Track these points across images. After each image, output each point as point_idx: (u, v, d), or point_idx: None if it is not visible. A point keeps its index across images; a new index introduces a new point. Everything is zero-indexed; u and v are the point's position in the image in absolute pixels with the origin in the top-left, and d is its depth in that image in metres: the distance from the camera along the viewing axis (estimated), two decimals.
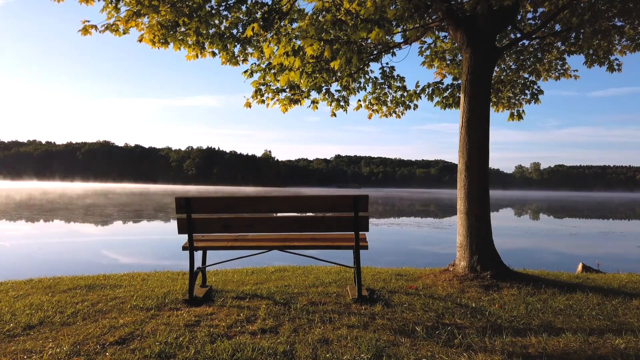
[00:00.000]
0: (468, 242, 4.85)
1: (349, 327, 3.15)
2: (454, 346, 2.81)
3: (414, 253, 12.22)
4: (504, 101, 7.05)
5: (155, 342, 2.79)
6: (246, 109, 6.43)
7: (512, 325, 3.26)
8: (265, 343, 2.80)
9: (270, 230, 4.05)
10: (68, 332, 3.01)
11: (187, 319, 3.31)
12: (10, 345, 2.81)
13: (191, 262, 3.86)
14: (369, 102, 7.27)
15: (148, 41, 5.21)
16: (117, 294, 4.11)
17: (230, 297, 3.96)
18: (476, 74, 5.00)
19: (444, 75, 7.11)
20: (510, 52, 6.56)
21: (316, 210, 3.97)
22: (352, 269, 4.33)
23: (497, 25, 5.09)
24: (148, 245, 12.92)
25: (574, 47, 5.91)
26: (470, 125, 4.99)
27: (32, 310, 3.52)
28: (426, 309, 3.64)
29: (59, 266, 8.54)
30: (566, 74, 6.73)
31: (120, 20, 4.98)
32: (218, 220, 3.89)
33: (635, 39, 5.66)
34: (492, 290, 4.29)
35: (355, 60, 4.62)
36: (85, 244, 12.88)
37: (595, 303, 3.94)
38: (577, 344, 2.87)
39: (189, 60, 5.70)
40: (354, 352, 2.67)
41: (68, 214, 23.06)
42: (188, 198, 3.78)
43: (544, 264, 7.49)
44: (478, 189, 4.91)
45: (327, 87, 6.61)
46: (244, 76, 6.36)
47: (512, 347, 2.80)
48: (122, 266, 8.90)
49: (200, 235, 4.23)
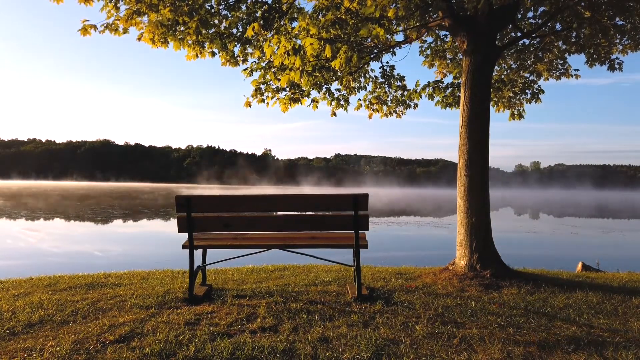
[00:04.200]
0: (468, 240, 4.85)
1: (348, 325, 3.15)
2: (453, 345, 2.82)
3: (413, 252, 12.23)
4: (504, 100, 7.04)
5: (156, 341, 2.80)
6: (246, 108, 6.43)
7: (512, 324, 3.26)
8: (265, 341, 2.81)
9: (270, 229, 4.05)
10: (68, 331, 3.02)
11: (187, 317, 3.32)
12: (11, 343, 2.81)
13: (191, 261, 3.86)
14: (369, 101, 7.26)
15: (148, 40, 5.21)
16: (117, 293, 4.11)
17: (230, 296, 3.96)
18: (476, 73, 5.00)
19: (444, 74, 7.10)
20: (511, 51, 6.56)
21: (316, 209, 3.97)
22: (352, 267, 4.34)
23: (498, 24, 5.08)
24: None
25: (574, 47, 5.90)
26: (471, 125, 4.99)
27: (33, 309, 3.52)
28: (426, 307, 3.64)
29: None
30: (567, 73, 6.72)
31: (120, 19, 4.98)
32: (218, 218, 3.89)
33: (636, 38, 5.65)
34: (491, 289, 4.29)
35: (356, 59, 4.62)
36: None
37: (595, 302, 3.94)
38: (577, 343, 2.87)
39: (189, 60, 5.70)
40: (354, 351, 2.68)
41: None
42: (188, 197, 3.79)
43: (543, 263, 7.50)
44: (478, 187, 4.92)
45: (328, 86, 6.61)
46: (244, 75, 6.37)
47: (512, 346, 2.80)
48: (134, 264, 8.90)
49: (200, 234, 4.23)
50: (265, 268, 5.74)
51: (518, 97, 6.98)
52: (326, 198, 3.91)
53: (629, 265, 8.32)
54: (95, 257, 10.41)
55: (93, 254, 10.72)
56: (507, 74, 6.95)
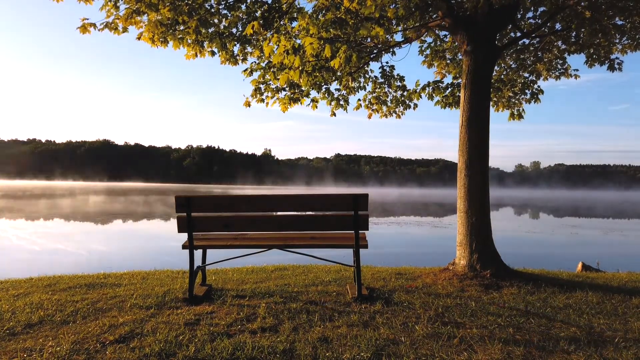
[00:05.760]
0: (468, 240, 4.85)
1: (348, 325, 3.15)
2: (453, 345, 2.81)
3: (413, 252, 12.23)
4: (504, 100, 7.04)
5: (155, 341, 2.79)
6: (246, 108, 6.42)
7: (511, 324, 3.26)
8: (265, 342, 2.81)
9: (270, 229, 4.05)
10: (68, 331, 3.01)
11: (187, 317, 3.32)
12: (11, 343, 2.81)
13: (191, 261, 3.86)
14: (368, 101, 7.26)
15: (147, 39, 5.20)
16: (117, 293, 4.11)
17: (230, 296, 3.96)
18: (476, 73, 5.00)
19: (444, 74, 7.10)
20: (511, 51, 6.55)
21: (316, 209, 3.97)
22: (352, 267, 4.33)
23: (498, 24, 5.08)
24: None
25: (574, 47, 5.90)
26: (470, 125, 4.99)
27: (33, 309, 3.52)
28: (426, 307, 3.64)
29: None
30: (566, 73, 6.72)
31: (120, 18, 4.97)
32: (218, 218, 3.89)
33: (635, 38, 5.65)
34: (492, 289, 4.29)
35: (355, 59, 4.61)
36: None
37: (595, 302, 3.94)
38: (577, 343, 2.87)
39: (189, 59, 5.70)
40: (354, 351, 2.68)
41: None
42: (188, 197, 3.78)
43: (543, 263, 7.50)
44: (478, 187, 4.91)
45: (327, 86, 6.60)
46: (244, 75, 6.36)
47: (512, 346, 2.80)
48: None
49: (200, 234, 4.23)
50: (265, 268, 5.74)
51: (518, 97, 6.98)
52: (326, 198, 3.91)
53: (629, 265, 8.32)
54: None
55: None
56: (507, 74, 6.94)
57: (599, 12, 5.01)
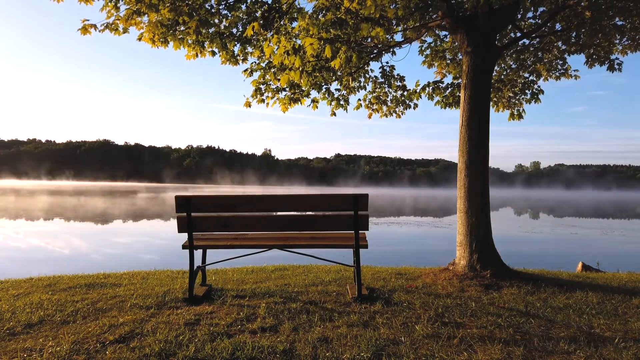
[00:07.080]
0: (468, 241, 4.85)
1: (348, 325, 3.15)
2: (453, 345, 2.82)
3: (413, 252, 12.23)
4: (504, 101, 7.04)
5: (155, 341, 2.80)
6: (246, 108, 6.42)
7: (511, 324, 3.26)
8: (265, 342, 2.81)
9: (270, 229, 4.05)
10: (68, 331, 3.01)
11: (187, 317, 3.32)
12: (11, 343, 2.81)
13: (191, 261, 3.86)
14: (369, 101, 7.26)
15: (148, 40, 5.20)
16: (117, 293, 4.11)
17: (230, 296, 3.96)
18: (476, 73, 5.00)
19: (444, 74, 7.10)
20: (511, 51, 6.55)
21: (316, 209, 3.97)
22: (352, 267, 4.33)
23: (498, 24, 5.08)
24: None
25: (574, 47, 5.90)
26: (470, 125, 4.99)
27: (33, 309, 3.52)
28: (426, 307, 3.64)
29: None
30: (566, 73, 6.72)
31: (120, 19, 4.98)
32: (218, 219, 3.89)
33: (635, 38, 5.65)
34: (492, 289, 4.29)
35: (355, 59, 4.62)
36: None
37: (595, 302, 3.94)
38: (577, 343, 2.87)
39: (189, 59, 5.70)
40: (354, 351, 2.68)
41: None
42: (188, 197, 3.78)
43: (543, 263, 7.50)
44: (478, 188, 4.91)
45: (327, 86, 6.61)
46: (244, 75, 6.37)
47: (512, 346, 2.80)
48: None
49: (200, 234, 4.23)
50: (265, 268, 5.74)
51: (518, 97, 6.98)
52: (326, 198, 3.91)
53: (629, 265, 8.32)
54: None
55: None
56: (507, 74, 6.94)
57: (599, 12, 5.02)
